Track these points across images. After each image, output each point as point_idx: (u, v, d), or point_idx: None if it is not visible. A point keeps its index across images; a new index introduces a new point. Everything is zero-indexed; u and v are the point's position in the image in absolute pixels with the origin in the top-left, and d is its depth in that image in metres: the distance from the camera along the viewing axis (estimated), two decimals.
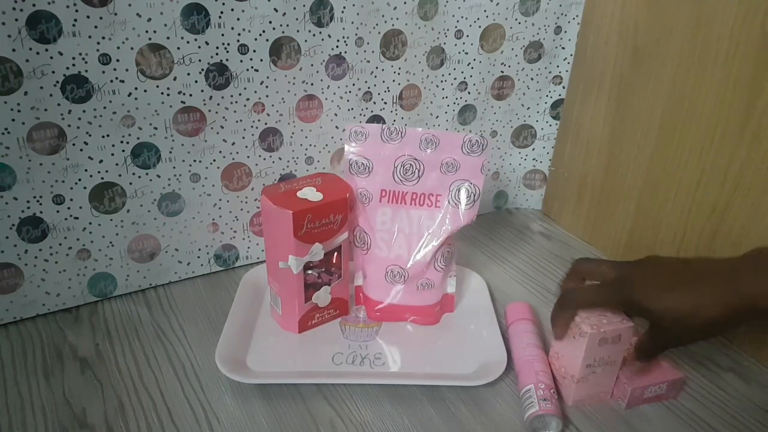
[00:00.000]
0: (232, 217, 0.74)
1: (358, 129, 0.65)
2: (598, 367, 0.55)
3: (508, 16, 0.78)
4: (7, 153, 0.58)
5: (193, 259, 0.74)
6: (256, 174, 0.73)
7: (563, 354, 0.57)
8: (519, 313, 0.66)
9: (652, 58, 0.72)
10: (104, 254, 0.68)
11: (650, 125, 0.73)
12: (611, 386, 0.57)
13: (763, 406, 0.59)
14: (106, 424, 0.54)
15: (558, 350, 0.58)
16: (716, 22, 0.63)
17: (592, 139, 0.83)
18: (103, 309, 0.69)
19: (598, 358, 0.54)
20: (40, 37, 0.55)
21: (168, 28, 0.60)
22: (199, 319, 0.68)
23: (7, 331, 0.65)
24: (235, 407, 0.56)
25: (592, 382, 0.56)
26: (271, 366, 0.60)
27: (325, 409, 0.56)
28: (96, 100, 0.60)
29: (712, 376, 0.62)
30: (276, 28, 0.66)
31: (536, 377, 0.56)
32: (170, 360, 0.62)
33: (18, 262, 0.64)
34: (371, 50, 0.72)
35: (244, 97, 0.68)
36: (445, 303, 0.69)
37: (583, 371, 0.55)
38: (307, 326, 0.66)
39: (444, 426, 0.55)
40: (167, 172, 0.68)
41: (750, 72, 0.61)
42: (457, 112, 0.83)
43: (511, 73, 0.83)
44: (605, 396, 0.58)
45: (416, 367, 0.61)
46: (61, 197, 0.63)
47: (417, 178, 0.65)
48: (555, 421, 0.53)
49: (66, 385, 0.58)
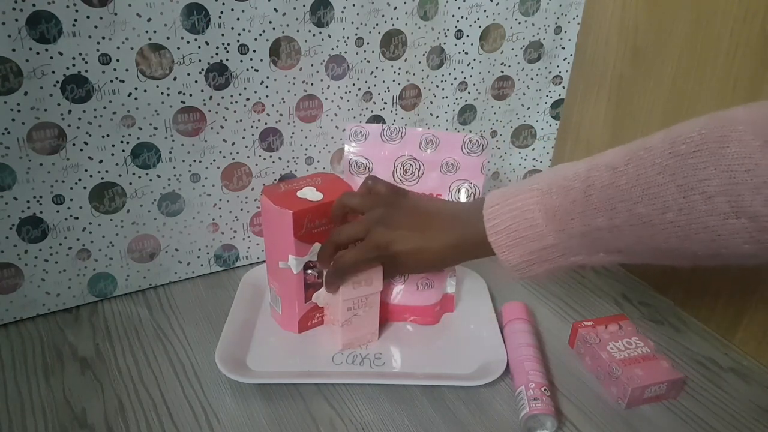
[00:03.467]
0: (232, 217, 0.74)
1: (358, 129, 0.65)
2: (359, 309, 0.61)
3: (508, 16, 0.78)
4: (7, 153, 0.58)
5: (193, 259, 0.74)
6: (256, 174, 0.73)
7: (330, 303, 0.63)
8: (514, 313, 0.66)
9: (652, 58, 0.72)
10: (104, 254, 0.68)
11: (650, 125, 0.73)
12: (375, 327, 0.64)
13: (763, 406, 0.59)
14: (106, 424, 0.54)
15: (326, 301, 0.64)
16: (716, 22, 0.63)
17: (592, 139, 0.83)
18: (103, 309, 0.69)
19: (356, 300, 0.60)
20: (40, 37, 0.55)
21: (168, 28, 0.60)
22: (199, 319, 0.68)
23: (7, 331, 0.65)
24: (235, 407, 0.56)
25: (356, 324, 0.62)
26: (271, 366, 0.60)
27: (325, 409, 0.56)
28: (96, 100, 0.60)
29: (712, 376, 0.62)
30: (276, 28, 0.66)
31: (526, 377, 0.57)
32: (170, 360, 0.62)
33: (18, 262, 0.64)
34: (371, 50, 0.72)
35: (244, 97, 0.68)
36: (445, 303, 0.69)
37: (346, 314, 0.61)
38: (307, 326, 0.66)
39: (444, 426, 0.55)
40: (167, 172, 0.68)
41: (750, 72, 0.61)
42: (457, 112, 0.83)
43: (511, 73, 0.83)
44: (372, 337, 0.64)
45: (416, 367, 0.61)
46: (61, 197, 0.63)
47: (417, 178, 0.65)
48: (549, 421, 0.54)
49: (66, 385, 0.58)
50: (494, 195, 0.53)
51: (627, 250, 0.47)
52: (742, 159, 0.38)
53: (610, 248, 0.48)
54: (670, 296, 0.74)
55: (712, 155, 0.40)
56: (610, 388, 0.59)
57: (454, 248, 0.55)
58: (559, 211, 0.48)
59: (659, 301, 0.74)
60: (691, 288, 0.71)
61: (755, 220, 0.38)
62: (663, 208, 0.42)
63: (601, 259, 0.50)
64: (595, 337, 0.62)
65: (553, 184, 0.50)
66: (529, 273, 0.52)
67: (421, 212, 0.57)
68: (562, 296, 0.75)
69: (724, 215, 0.40)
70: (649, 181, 0.43)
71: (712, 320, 0.69)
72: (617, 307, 0.73)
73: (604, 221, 0.46)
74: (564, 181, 0.49)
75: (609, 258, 0.49)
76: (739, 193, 0.38)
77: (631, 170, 0.44)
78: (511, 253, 0.51)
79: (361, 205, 0.58)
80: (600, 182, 0.46)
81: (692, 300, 0.71)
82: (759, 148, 0.38)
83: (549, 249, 0.50)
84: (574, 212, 0.48)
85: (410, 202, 0.58)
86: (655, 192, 0.43)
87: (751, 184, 0.38)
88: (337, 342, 0.63)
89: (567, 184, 0.49)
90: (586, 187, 0.47)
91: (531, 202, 0.50)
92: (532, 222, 0.50)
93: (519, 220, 0.50)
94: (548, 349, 0.65)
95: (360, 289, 0.60)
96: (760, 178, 0.37)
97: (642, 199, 0.43)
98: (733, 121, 0.40)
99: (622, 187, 0.45)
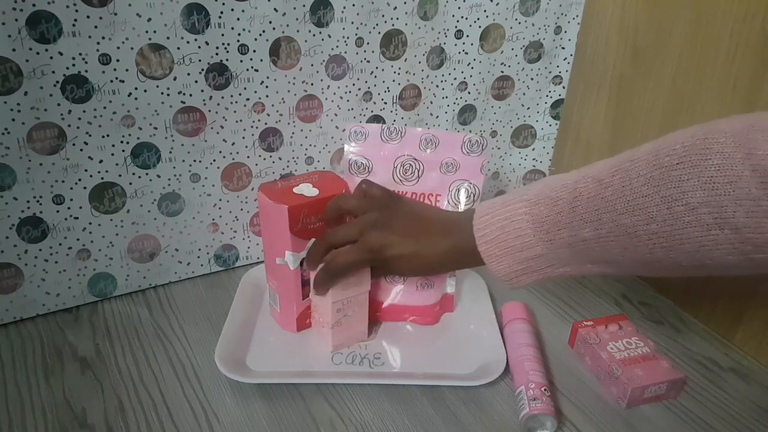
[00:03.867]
0: (232, 217, 0.74)
1: (358, 129, 0.65)
2: (348, 310, 0.61)
3: (508, 16, 0.78)
4: (7, 153, 0.58)
5: (193, 259, 0.74)
6: (256, 174, 0.73)
7: (318, 305, 0.63)
8: (514, 313, 0.66)
9: (652, 58, 0.72)
10: (104, 254, 0.68)
11: (650, 125, 0.73)
12: (365, 327, 0.64)
13: (763, 406, 0.59)
14: (106, 424, 0.54)
15: (314, 303, 0.63)
16: (716, 22, 0.63)
17: (592, 139, 0.83)
18: (103, 309, 0.69)
19: (345, 302, 0.60)
20: (40, 37, 0.55)
21: (168, 28, 0.60)
22: (199, 319, 0.68)
23: (7, 331, 0.65)
24: (235, 407, 0.56)
25: (345, 325, 0.62)
26: (271, 366, 0.60)
27: (325, 409, 0.56)
28: (96, 100, 0.60)
29: (712, 376, 0.62)
30: (276, 28, 0.66)
31: (526, 377, 0.57)
32: (170, 360, 0.62)
33: (18, 262, 0.64)
34: (371, 50, 0.72)
35: (244, 97, 0.68)
36: (444, 303, 0.69)
37: (335, 315, 0.60)
38: (306, 323, 0.66)
39: (444, 426, 0.55)
40: (167, 172, 0.68)
41: (750, 72, 0.61)
42: (457, 112, 0.83)
43: (511, 73, 0.83)
44: (362, 336, 0.64)
45: (416, 367, 0.61)
46: (61, 197, 0.63)
47: (417, 178, 0.65)
48: (549, 421, 0.54)
49: (66, 385, 0.58)
50: (484, 205, 0.54)
51: (613, 261, 0.48)
52: (725, 171, 0.39)
53: (597, 259, 0.48)
54: (670, 296, 0.74)
55: (695, 167, 0.40)
56: (610, 388, 0.59)
57: (447, 256, 0.56)
58: (547, 222, 0.49)
59: (659, 301, 0.74)
60: (691, 288, 0.71)
61: (738, 232, 0.39)
62: (647, 219, 0.43)
63: (589, 269, 0.50)
64: (595, 337, 0.62)
65: (541, 194, 0.50)
66: (518, 283, 0.53)
67: (415, 218, 0.58)
68: (562, 296, 0.75)
69: (707, 226, 0.40)
70: (634, 192, 0.43)
71: (712, 320, 0.69)
72: (617, 307, 0.73)
73: (590, 232, 0.47)
74: (552, 192, 0.50)
75: (596, 269, 0.50)
76: (721, 204, 0.39)
77: (617, 181, 0.45)
78: (500, 263, 0.52)
79: (356, 207, 0.58)
80: (587, 193, 0.47)
81: (692, 300, 0.71)
82: (741, 160, 0.38)
83: (537, 259, 0.51)
84: (561, 223, 0.48)
85: (405, 207, 0.59)
86: (640, 203, 0.43)
87: (734, 196, 0.38)
88: (327, 344, 0.63)
89: (555, 195, 0.49)
90: (573, 198, 0.48)
91: (519, 213, 0.51)
92: (520, 232, 0.51)
93: (508, 230, 0.51)
94: (548, 349, 0.65)
95: (349, 290, 0.60)
96: (743, 190, 0.38)
97: (627, 210, 0.44)
98: (715, 132, 0.40)
99: (607, 198, 0.45)
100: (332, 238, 0.58)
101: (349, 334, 0.63)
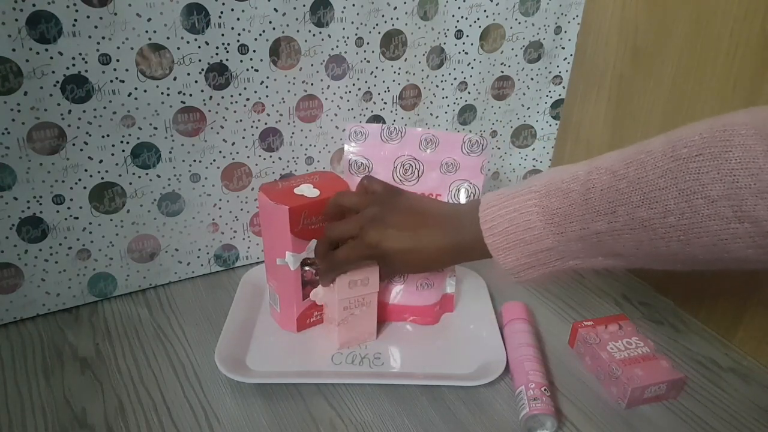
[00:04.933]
0: (232, 217, 0.74)
1: (358, 129, 0.65)
2: (356, 308, 0.61)
3: (508, 16, 0.78)
4: (7, 153, 0.58)
5: (193, 259, 0.74)
6: (256, 174, 0.73)
7: (327, 303, 0.63)
8: (514, 313, 0.66)
9: (652, 58, 0.72)
10: (104, 254, 0.68)
11: (650, 125, 0.73)
12: (373, 327, 0.64)
13: (763, 406, 0.59)
14: (106, 424, 0.54)
15: (325, 301, 0.64)
16: (716, 22, 0.63)
17: (592, 139, 0.83)
18: (103, 309, 0.69)
19: (353, 300, 0.61)
20: (40, 37, 0.55)
21: (168, 28, 0.60)
22: (199, 319, 0.68)
23: (7, 331, 0.65)
24: (235, 407, 0.56)
25: (352, 323, 0.62)
26: (271, 366, 0.60)
27: (325, 409, 0.56)
28: (96, 100, 0.60)
29: (712, 376, 0.62)
30: (276, 28, 0.66)
31: (526, 377, 0.57)
32: (170, 360, 0.62)
33: (18, 262, 0.64)
34: (371, 50, 0.72)
35: (244, 97, 0.68)
36: (444, 303, 0.69)
37: (342, 314, 0.61)
38: (306, 324, 0.66)
39: (444, 426, 0.55)
40: (167, 172, 0.68)
41: (750, 72, 0.61)
42: (457, 112, 0.83)
43: (511, 73, 0.83)
44: (370, 336, 0.64)
45: (416, 367, 0.61)
46: (61, 197, 0.63)
47: (417, 178, 0.65)
48: (549, 421, 0.54)
49: (66, 385, 0.58)
50: (490, 197, 0.53)
51: (626, 254, 0.47)
52: (746, 163, 0.38)
53: (609, 252, 0.48)
54: (670, 296, 0.74)
55: (715, 159, 0.39)
56: (610, 388, 0.59)
57: (449, 249, 0.55)
58: (558, 214, 0.48)
59: (659, 301, 0.74)
60: (691, 288, 0.71)
61: (758, 225, 0.38)
62: (664, 212, 0.42)
63: (599, 262, 0.50)
64: (595, 337, 0.62)
65: (552, 186, 0.49)
66: (526, 276, 0.52)
67: (415, 211, 0.57)
68: (562, 296, 0.75)
69: (727, 219, 0.39)
70: (650, 184, 0.43)
71: (712, 320, 0.69)
72: (617, 307, 0.73)
73: (604, 225, 0.46)
74: (562, 183, 0.49)
75: (607, 262, 0.49)
76: (742, 197, 0.38)
77: (631, 173, 0.44)
78: (508, 256, 0.51)
79: (356, 203, 0.58)
80: (600, 185, 0.46)
81: (692, 300, 0.71)
82: (763, 153, 0.38)
83: (547, 252, 0.50)
84: (573, 215, 0.48)
85: (405, 202, 0.58)
86: (656, 196, 0.42)
87: (755, 189, 0.38)
88: (335, 341, 0.63)
89: (566, 187, 0.48)
90: (586, 191, 0.47)
91: (529, 204, 0.50)
92: (529, 224, 0.50)
93: (517, 222, 0.50)
94: (548, 349, 0.65)
95: (356, 289, 0.60)
96: (764, 183, 0.37)
97: (643, 203, 0.43)
98: (736, 125, 0.40)
99: (622, 190, 0.44)
100: (331, 233, 0.57)
101: (356, 332, 0.63)
